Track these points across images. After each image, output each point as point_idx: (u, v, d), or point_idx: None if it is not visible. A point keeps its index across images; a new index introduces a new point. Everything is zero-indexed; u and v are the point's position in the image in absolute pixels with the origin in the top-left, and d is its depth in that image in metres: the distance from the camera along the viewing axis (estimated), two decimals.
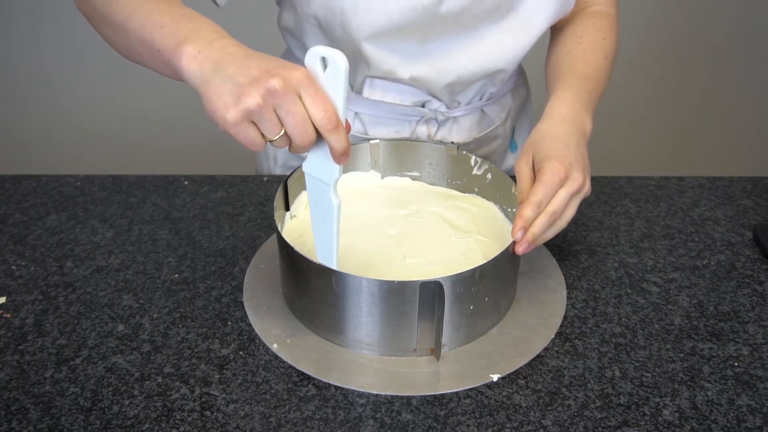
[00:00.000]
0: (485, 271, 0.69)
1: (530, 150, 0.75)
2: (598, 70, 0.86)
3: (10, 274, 0.84)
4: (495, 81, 0.94)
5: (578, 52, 0.88)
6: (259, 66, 0.57)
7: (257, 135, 0.59)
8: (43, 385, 0.69)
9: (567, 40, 0.91)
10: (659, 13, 2.10)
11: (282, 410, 0.66)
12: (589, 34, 0.90)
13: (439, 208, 0.88)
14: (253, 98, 0.56)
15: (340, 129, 0.58)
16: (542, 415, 0.66)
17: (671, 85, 2.25)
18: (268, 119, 0.57)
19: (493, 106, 1.00)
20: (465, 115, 0.97)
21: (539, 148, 0.74)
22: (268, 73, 0.56)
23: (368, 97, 0.93)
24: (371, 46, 0.86)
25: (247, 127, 0.58)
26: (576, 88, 0.81)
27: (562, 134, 0.75)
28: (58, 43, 2.09)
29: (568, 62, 0.87)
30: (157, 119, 2.20)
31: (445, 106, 0.95)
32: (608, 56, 0.89)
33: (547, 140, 0.74)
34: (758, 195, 1.01)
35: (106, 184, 1.01)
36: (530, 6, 0.87)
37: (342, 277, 0.68)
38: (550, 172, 0.70)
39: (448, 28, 0.86)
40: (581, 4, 0.94)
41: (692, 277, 0.85)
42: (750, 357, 0.73)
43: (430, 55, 0.88)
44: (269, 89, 0.55)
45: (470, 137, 0.99)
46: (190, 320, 0.77)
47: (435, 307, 0.68)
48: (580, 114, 0.79)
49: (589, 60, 0.87)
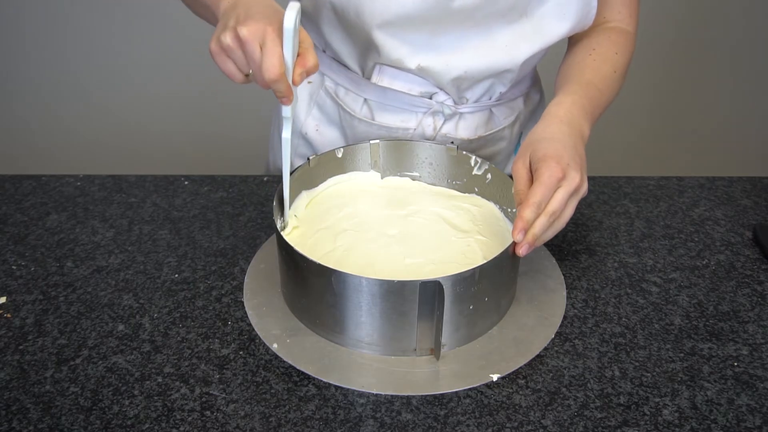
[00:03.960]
0: (485, 271, 0.69)
1: (527, 151, 0.75)
2: (604, 80, 0.87)
3: (10, 274, 0.84)
4: (503, 81, 0.94)
5: (588, 63, 0.89)
6: (247, 14, 0.68)
7: (234, 68, 0.71)
8: (44, 385, 0.69)
9: (579, 51, 0.92)
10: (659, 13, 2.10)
11: (282, 410, 0.67)
12: (602, 46, 0.91)
13: (439, 208, 0.88)
14: (226, 38, 0.68)
15: (280, 78, 0.68)
16: (542, 415, 0.66)
17: (671, 86, 2.25)
18: (236, 58, 0.70)
19: (502, 107, 1.00)
20: (472, 113, 0.98)
21: (536, 149, 0.74)
22: (246, 21, 0.68)
23: (376, 83, 0.94)
24: (382, 34, 0.87)
25: (225, 59, 0.70)
26: (577, 95, 0.82)
27: (559, 135, 0.76)
28: (58, 43, 2.09)
29: (576, 71, 0.88)
30: (157, 119, 2.20)
31: (453, 100, 0.95)
32: (618, 70, 0.89)
33: (545, 141, 0.75)
34: (758, 195, 1.01)
35: (106, 184, 1.02)
36: (546, 13, 0.88)
37: (342, 276, 0.68)
38: (547, 172, 0.71)
39: (460, 23, 0.87)
40: (600, 19, 0.94)
41: (692, 277, 0.85)
42: (750, 357, 0.73)
43: (440, 48, 0.89)
44: (238, 35, 0.67)
45: (476, 135, 0.99)
46: (190, 320, 0.77)
47: (435, 307, 0.68)
48: (578, 118, 0.80)
49: (597, 70, 0.88)
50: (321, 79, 1.01)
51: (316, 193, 0.89)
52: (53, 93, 2.18)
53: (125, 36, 2.09)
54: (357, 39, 0.68)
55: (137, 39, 2.08)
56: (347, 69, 0.96)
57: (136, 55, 2.10)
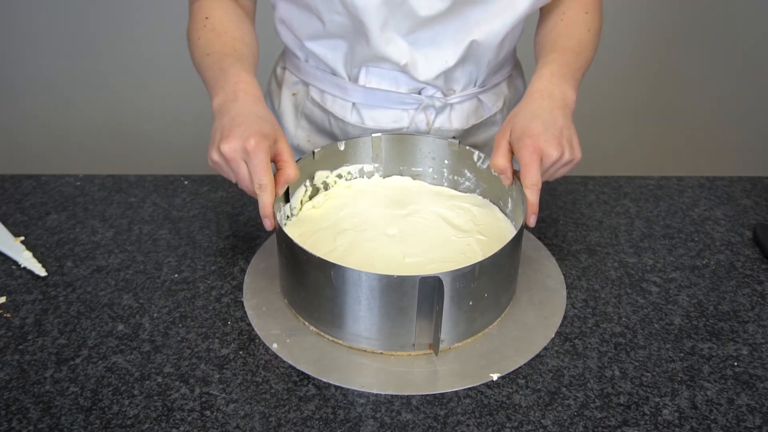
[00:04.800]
0: (485, 267, 0.69)
1: (508, 126, 0.79)
2: (580, 42, 0.88)
3: (10, 274, 0.84)
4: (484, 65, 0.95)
5: (561, 29, 0.90)
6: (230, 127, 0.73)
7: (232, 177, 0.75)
8: (43, 385, 0.69)
9: (551, 17, 0.93)
10: (659, 13, 2.10)
11: (282, 410, 0.66)
12: (571, 9, 0.92)
13: (439, 208, 0.88)
14: (213, 155, 0.74)
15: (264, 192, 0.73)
16: (542, 415, 0.66)
17: (671, 85, 2.25)
18: (225, 172, 0.75)
19: (488, 94, 1.01)
20: (461, 102, 0.98)
21: (515, 125, 0.78)
22: (228, 137, 0.72)
23: (364, 84, 0.94)
24: None
25: (219, 169, 0.76)
26: (556, 63, 0.84)
27: (538, 110, 0.78)
28: (58, 43, 2.09)
29: (551, 39, 0.90)
30: (158, 119, 2.19)
31: (441, 92, 0.96)
32: (591, 29, 0.91)
33: (523, 117, 0.78)
34: (758, 195, 1.01)
35: (106, 184, 1.02)
36: None
37: (341, 270, 0.68)
38: (526, 153, 0.75)
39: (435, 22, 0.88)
40: None
41: (692, 276, 0.85)
42: (750, 357, 0.73)
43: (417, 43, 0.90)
44: (224, 153, 0.72)
45: (468, 124, 0.99)
46: (190, 320, 0.77)
47: (434, 303, 0.68)
48: (560, 86, 0.82)
49: (571, 34, 0.89)
50: (306, 89, 1.00)
51: None
52: (53, 93, 2.18)
53: (125, 36, 2.09)
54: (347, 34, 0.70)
55: (137, 39, 2.08)
56: (333, 75, 0.96)
57: (136, 55, 2.10)
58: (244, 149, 0.71)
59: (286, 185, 0.76)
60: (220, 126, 0.75)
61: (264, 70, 0.94)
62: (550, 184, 1.01)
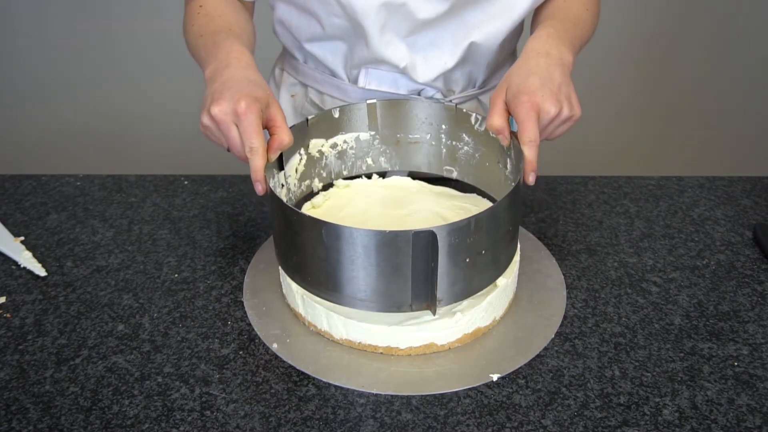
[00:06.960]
0: (481, 222, 0.66)
1: (504, 84, 0.77)
2: (578, 17, 0.87)
3: (10, 274, 0.84)
4: (482, 66, 0.95)
5: (558, 5, 0.89)
6: (221, 90, 0.72)
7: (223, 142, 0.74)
8: (43, 385, 0.69)
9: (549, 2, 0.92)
10: (660, 13, 2.10)
11: (282, 410, 0.66)
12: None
13: (438, 208, 0.88)
14: (204, 118, 0.73)
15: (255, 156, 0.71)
16: (542, 415, 0.66)
17: (671, 85, 2.25)
18: (216, 136, 0.74)
19: (487, 94, 1.01)
20: (461, 104, 0.98)
21: (511, 83, 0.76)
22: (218, 100, 0.71)
23: (364, 87, 0.94)
24: None
25: (210, 136, 0.75)
26: (553, 28, 0.82)
27: (535, 68, 0.76)
28: (58, 43, 2.09)
29: (548, 14, 0.89)
30: (158, 119, 2.20)
31: (441, 94, 0.96)
32: (590, 8, 0.90)
33: (520, 74, 0.76)
34: (758, 195, 1.01)
35: (106, 184, 1.02)
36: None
37: (332, 228, 0.65)
38: (522, 110, 0.73)
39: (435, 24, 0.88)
40: None
41: (692, 276, 0.85)
42: (750, 357, 0.73)
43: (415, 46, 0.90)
44: (213, 115, 0.71)
45: None
46: (190, 320, 0.77)
47: (429, 259, 0.65)
48: (556, 46, 0.80)
49: (569, 9, 0.88)
50: (304, 91, 1.00)
51: None
52: (53, 93, 2.18)
53: (126, 36, 2.09)
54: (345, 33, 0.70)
55: (137, 39, 2.08)
56: (332, 77, 0.96)
57: (136, 55, 2.10)
58: (234, 111, 0.70)
59: (279, 151, 0.74)
60: (211, 90, 0.73)
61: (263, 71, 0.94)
62: (549, 183, 1.01)
